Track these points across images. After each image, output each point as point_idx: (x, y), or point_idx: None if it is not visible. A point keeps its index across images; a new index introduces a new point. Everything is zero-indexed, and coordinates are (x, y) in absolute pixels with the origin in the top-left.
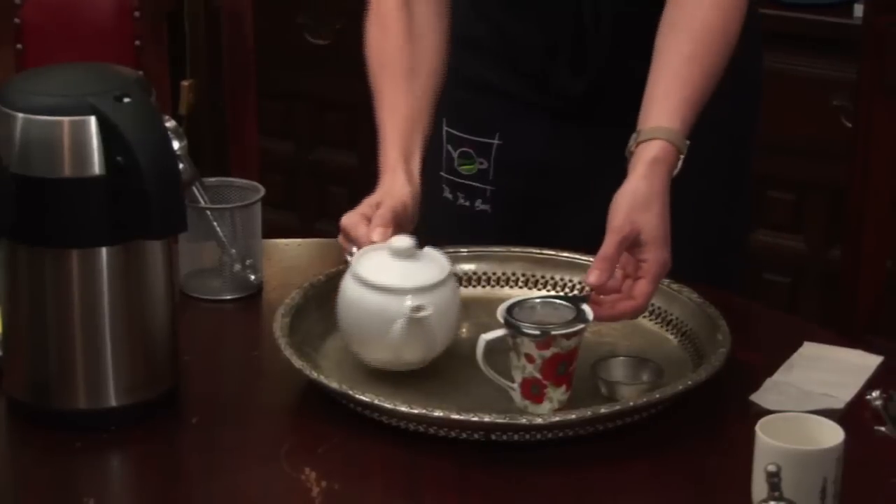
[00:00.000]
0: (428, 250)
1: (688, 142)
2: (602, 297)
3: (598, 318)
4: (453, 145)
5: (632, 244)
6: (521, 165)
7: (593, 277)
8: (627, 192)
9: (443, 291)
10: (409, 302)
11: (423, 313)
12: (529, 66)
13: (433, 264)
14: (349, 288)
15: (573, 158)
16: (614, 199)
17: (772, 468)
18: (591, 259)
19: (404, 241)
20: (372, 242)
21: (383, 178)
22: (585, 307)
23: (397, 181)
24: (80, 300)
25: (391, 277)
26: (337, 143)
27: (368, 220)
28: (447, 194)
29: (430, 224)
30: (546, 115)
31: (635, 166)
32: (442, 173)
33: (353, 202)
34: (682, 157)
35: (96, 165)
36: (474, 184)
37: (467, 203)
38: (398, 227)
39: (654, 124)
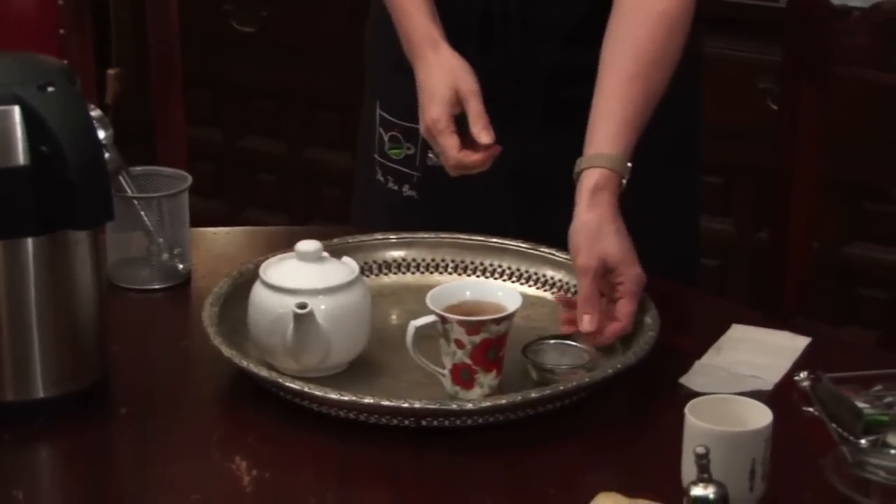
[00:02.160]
0: (345, 258)
1: (629, 164)
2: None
3: (592, 345)
4: (385, 128)
5: (603, 273)
6: None
7: (587, 324)
8: (579, 227)
9: (344, 295)
10: (296, 300)
11: (305, 310)
12: None
13: (341, 268)
14: (253, 292)
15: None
16: (570, 238)
17: (700, 450)
18: (520, 245)
19: (310, 244)
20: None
21: (425, 55)
22: (576, 343)
23: (452, 56)
24: (5, 291)
25: (289, 279)
26: (265, 130)
27: (452, 118)
28: (379, 177)
29: (362, 205)
30: None
31: (580, 198)
32: (375, 155)
33: (281, 190)
34: (624, 180)
35: (20, 155)
36: (402, 168)
37: (396, 187)
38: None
39: (596, 150)
